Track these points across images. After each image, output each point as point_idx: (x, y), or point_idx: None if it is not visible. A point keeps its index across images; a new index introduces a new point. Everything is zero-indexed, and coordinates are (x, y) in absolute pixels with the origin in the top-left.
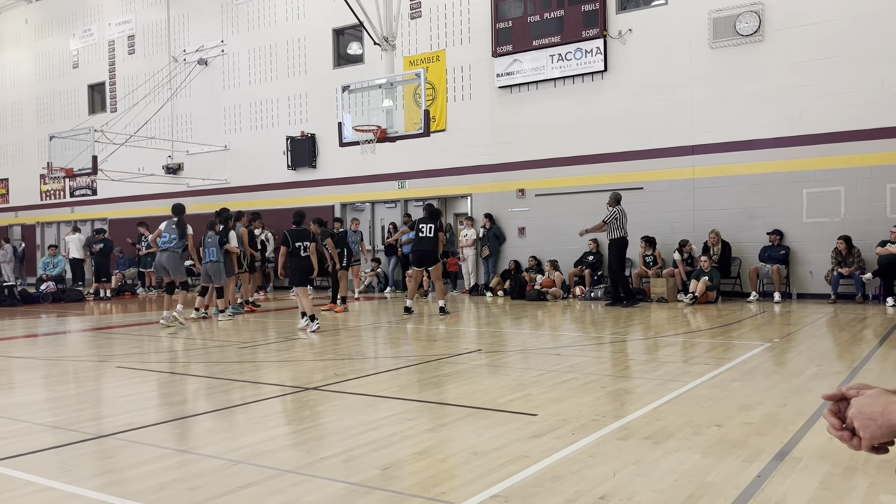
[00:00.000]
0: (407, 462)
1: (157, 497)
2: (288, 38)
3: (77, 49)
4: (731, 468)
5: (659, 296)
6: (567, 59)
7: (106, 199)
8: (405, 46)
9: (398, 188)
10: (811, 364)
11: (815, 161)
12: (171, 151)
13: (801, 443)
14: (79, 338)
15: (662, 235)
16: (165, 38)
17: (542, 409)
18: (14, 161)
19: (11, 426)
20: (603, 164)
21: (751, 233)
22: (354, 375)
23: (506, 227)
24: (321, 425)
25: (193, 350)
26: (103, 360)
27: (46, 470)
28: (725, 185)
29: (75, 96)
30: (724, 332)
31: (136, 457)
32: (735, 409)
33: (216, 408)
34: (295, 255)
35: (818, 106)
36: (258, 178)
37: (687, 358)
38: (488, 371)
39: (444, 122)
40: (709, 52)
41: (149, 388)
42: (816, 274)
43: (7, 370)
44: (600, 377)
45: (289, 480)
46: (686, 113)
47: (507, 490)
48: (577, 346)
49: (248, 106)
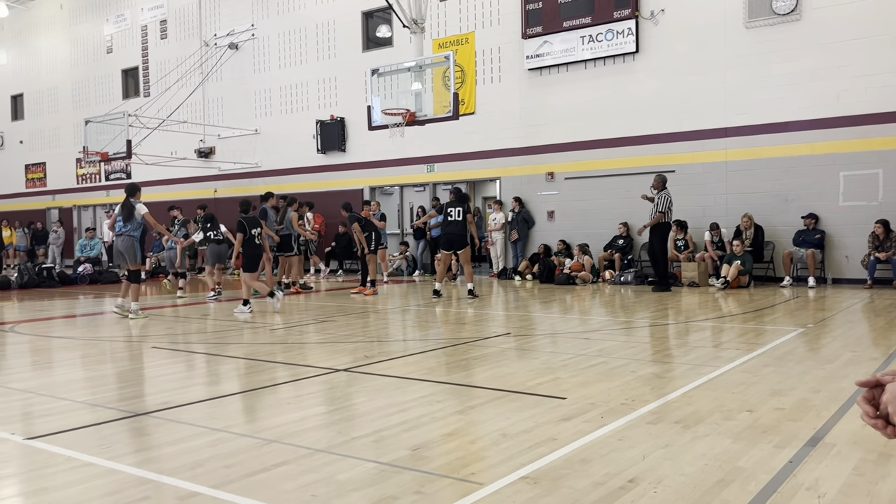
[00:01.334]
0: (436, 443)
1: (192, 474)
2: (317, 22)
3: (111, 34)
4: (762, 453)
5: (690, 280)
6: (598, 40)
7: (140, 183)
8: (434, 29)
9: (427, 172)
10: (845, 350)
11: (853, 143)
12: (203, 135)
13: (834, 429)
14: (115, 318)
15: (694, 219)
16: (197, 23)
17: (571, 392)
18: (51, 145)
19: (53, 404)
20: (634, 147)
21: (785, 216)
22: (384, 358)
23: (535, 211)
24: (352, 406)
25: (227, 331)
26: (139, 341)
27: (86, 446)
28: (759, 168)
29: (109, 81)
30: (756, 316)
31: (172, 435)
32: (767, 394)
33: (249, 388)
34: (249, 242)
35: (856, 87)
36: (288, 162)
37: (718, 343)
38: (517, 354)
39: (474, 104)
40: (744, 31)
41: (184, 368)
42: (852, 258)
43: (47, 349)
44: (630, 361)
45: (321, 459)
46: (719, 94)
47: (535, 472)
48: (606, 330)
49: (279, 90)
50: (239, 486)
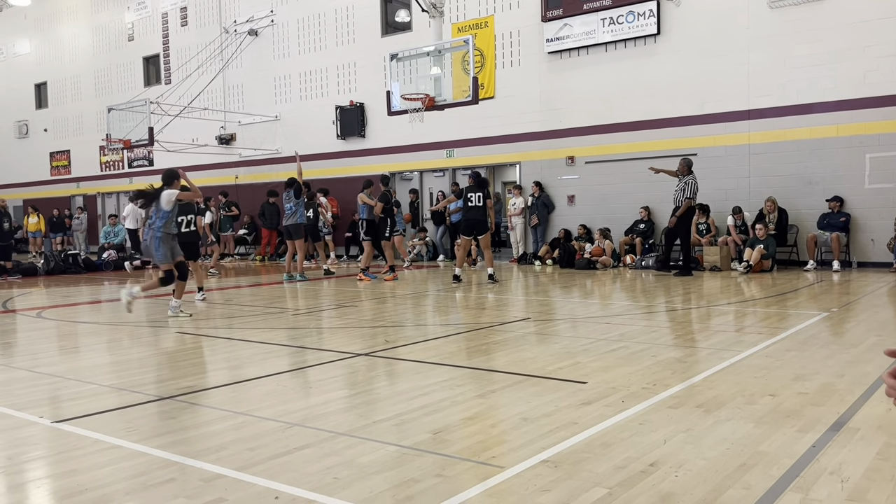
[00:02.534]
0: (457, 427)
1: (217, 456)
2: (336, 7)
3: (132, 22)
4: (784, 438)
5: (712, 264)
6: (619, 22)
7: (162, 170)
8: (453, 13)
9: (446, 157)
10: (870, 334)
11: (880, 125)
12: (224, 122)
13: (858, 413)
14: (139, 304)
15: (717, 203)
16: (217, 10)
17: (592, 377)
18: (75, 133)
19: (80, 388)
20: (655, 130)
21: (809, 199)
22: (404, 342)
23: (555, 196)
24: (373, 390)
25: (249, 317)
26: (163, 326)
27: (114, 429)
28: (783, 151)
29: (131, 69)
30: (779, 301)
31: (196, 418)
32: (790, 378)
33: (272, 372)
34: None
35: (883, 67)
36: (308, 148)
37: (740, 327)
38: (537, 339)
39: (493, 89)
40: (767, 11)
41: (207, 353)
42: (878, 242)
43: (73, 335)
44: (651, 346)
45: (343, 442)
46: (742, 76)
47: (556, 455)
48: (627, 314)
49: (298, 76)
50: (262, 469)
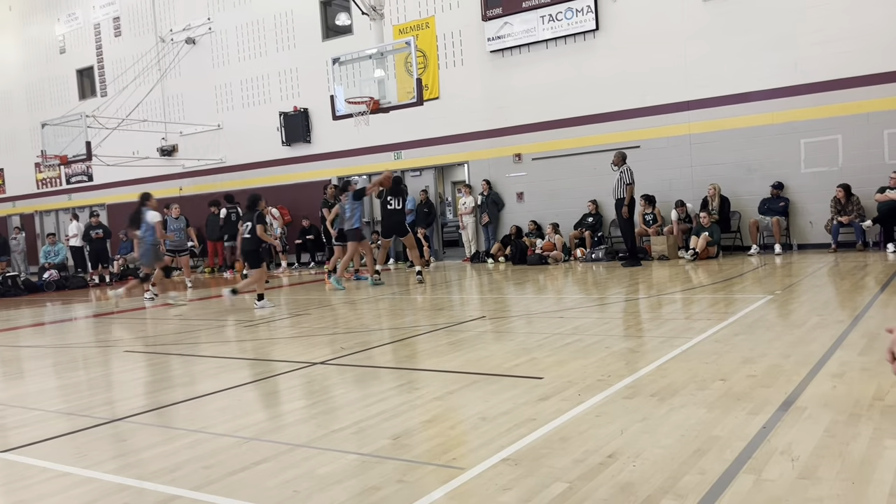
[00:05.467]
0: (417, 430)
1: (172, 477)
2: (275, 12)
3: (63, 34)
4: (736, 421)
5: (660, 254)
6: (558, 19)
7: (103, 185)
8: (394, 14)
9: (394, 159)
10: (813, 314)
11: (812, 111)
12: (165, 133)
13: (805, 392)
14: (85, 324)
15: (662, 193)
16: (151, 19)
17: (548, 371)
18: (7, 150)
19: (25, 415)
20: (599, 125)
21: (749, 186)
22: (360, 348)
23: (504, 193)
24: (330, 399)
25: (199, 331)
26: (111, 346)
27: (62, 456)
28: (722, 140)
29: (64, 82)
30: (725, 286)
31: (149, 439)
32: (739, 362)
33: (226, 387)
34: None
35: (813, 55)
36: (253, 156)
37: (689, 314)
38: (493, 337)
39: (437, 89)
40: (701, 5)
41: (158, 371)
42: (816, 224)
43: (16, 360)
44: (604, 338)
45: (301, 454)
46: (680, 68)
47: (516, 453)
48: (580, 307)
49: (240, 83)
50: (220, 487)
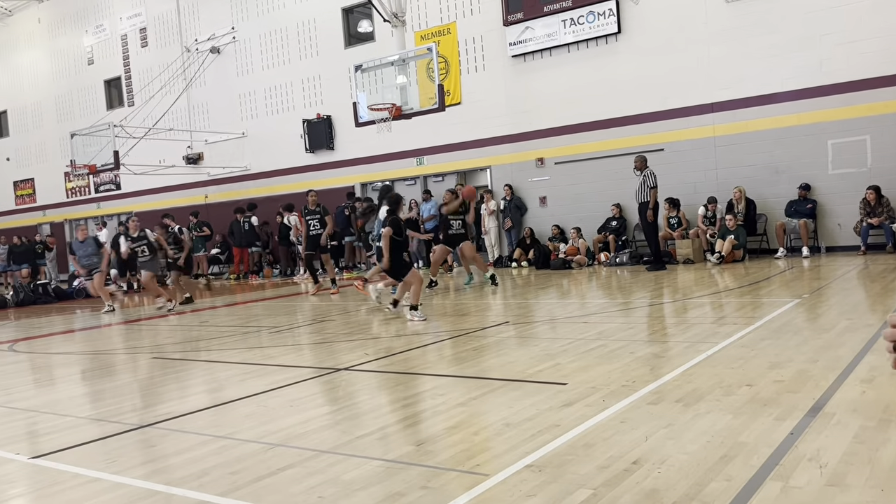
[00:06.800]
0: (441, 437)
1: (199, 483)
2: (298, 21)
3: (91, 45)
4: (763, 427)
5: (685, 257)
6: (580, 23)
7: (130, 193)
8: (415, 21)
9: (416, 165)
10: (842, 318)
11: (839, 111)
12: (190, 142)
13: (833, 398)
14: (114, 331)
15: (686, 196)
16: (177, 29)
17: (572, 377)
18: (38, 160)
19: (56, 421)
20: (621, 128)
21: (776, 188)
22: (384, 354)
23: (526, 198)
24: (355, 405)
25: (227, 337)
26: (139, 352)
27: (92, 461)
28: (748, 142)
29: (93, 93)
30: (752, 290)
31: (177, 445)
32: (766, 367)
33: (252, 393)
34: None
35: (838, 55)
36: (277, 164)
37: (715, 319)
38: (517, 343)
39: (459, 95)
40: (724, 6)
41: (185, 377)
42: (845, 226)
43: (48, 367)
44: (629, 343)
45: (327, 460)
46: (703, 70)
47: (540, 459)
48: (604, 312)
49: (263, 91)
50: (246, 492)
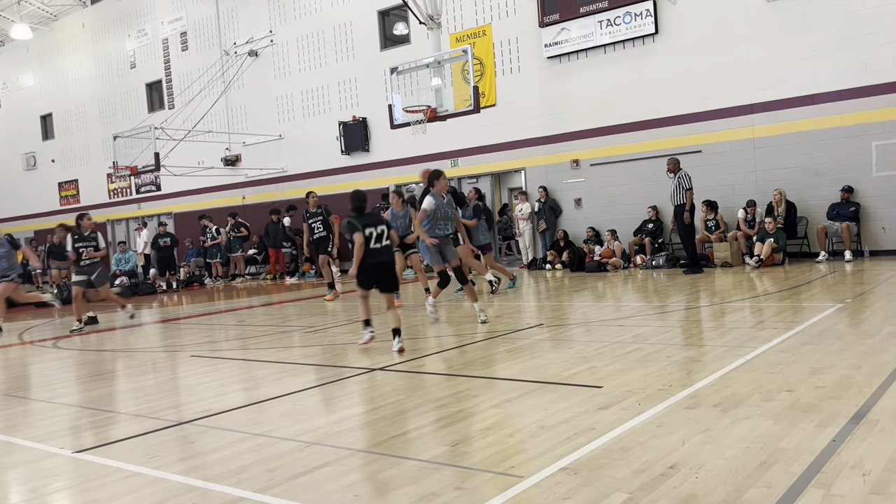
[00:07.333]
0: (475, 438)
1: (237, 479)
2: (334, 24)
3: (133, 49)
4: (804, 433)
5: (723, 260)
6: (616, 23)
7: (170, 194)
8: (451, 23)
9: (451, 166)
10: (886, 324)
11: (884, 112)
12: (229, 143)
13: (877, 405)
14: (154, 329)
15: (724, 198)
16: (216, 33)
17: (608, 381)
18: (82, 162)
19: (98, 416)
20: (658, 129)
21: (817, 190)
22: (419, 355)
23: (561, 200)
24: (389, 405)
25: (263, 336)
26: (178, 350)
27: (133, 456)
28: (788, 143)
29: (134, 95)
30: (792, 294)
31: (215, 441)
32: (806, 373)
33: (288, 391)
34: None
35: (884, 54)
36: (314, 165)
37: (754, 323)
38: (551, 345)
39: (494, 97)
40: (765, 5)
41: (223, 375)
42: (890, 229)
43: (89, 363)
44: (665, 346)
45: (362, 459)
46: (743, 71)
47: (575, 462)
48: (640, 315)
49: (300, 94)
50: (283, 490)
